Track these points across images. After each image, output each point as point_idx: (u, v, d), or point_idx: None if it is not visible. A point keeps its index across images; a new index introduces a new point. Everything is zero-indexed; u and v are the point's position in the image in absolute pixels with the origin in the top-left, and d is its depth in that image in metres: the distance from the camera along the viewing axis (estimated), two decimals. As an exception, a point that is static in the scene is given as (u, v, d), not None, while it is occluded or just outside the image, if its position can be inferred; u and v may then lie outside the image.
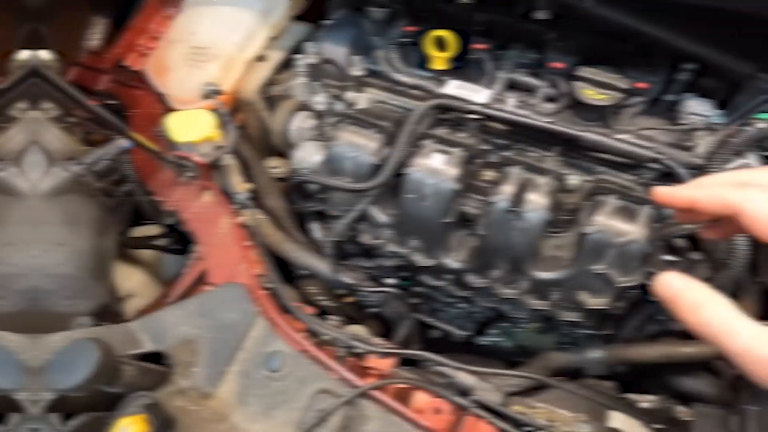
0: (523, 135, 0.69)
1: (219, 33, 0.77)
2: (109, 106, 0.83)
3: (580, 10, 0.62)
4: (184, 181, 0.70)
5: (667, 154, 0.62)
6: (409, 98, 0.73)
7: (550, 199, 0.60)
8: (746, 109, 0.64)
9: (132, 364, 0.52)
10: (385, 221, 0.67)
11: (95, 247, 0.66)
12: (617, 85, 0.64)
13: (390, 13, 0.76)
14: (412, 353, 0.62)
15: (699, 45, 0.63)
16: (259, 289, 0.61)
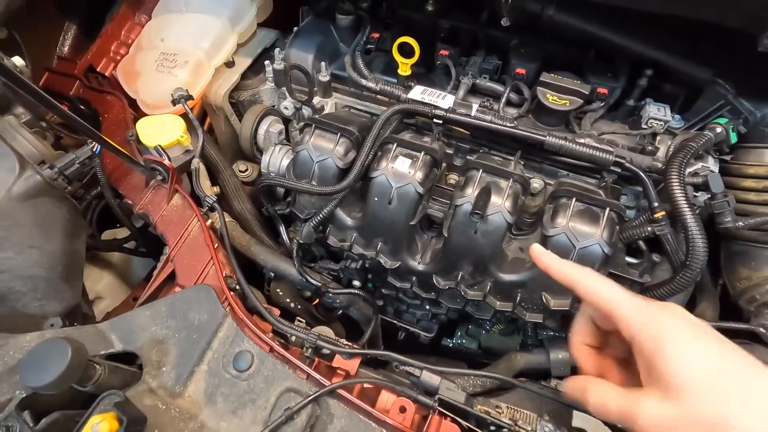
0: (487, 139, 0.76)
1: (188, 40, 0.83)
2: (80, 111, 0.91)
3: (543, 17, 0.69)
4: (153, 184, 0.77)
5: (629, 157, 0.69)
6: (375, 103, 0.80)
7: (513, 202, 0.66)
8: (705, 113, 0.71)
9: (103, 364, 0.58)
10: (352, 224, 0.74)
11: (66, 249, 0.72)
12: (578, 91, 0.71)
13: (356, 20, 0.84)
14: (377, 353, 0.68)
15: (658, 51, 0.70)
16: (227, 290, 0.68)
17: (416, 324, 0.89)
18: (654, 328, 0.40)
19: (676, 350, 0.38)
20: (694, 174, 0.67)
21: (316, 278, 0.76)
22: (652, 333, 0.40)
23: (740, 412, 0.36)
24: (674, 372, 0.38)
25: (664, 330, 0.40)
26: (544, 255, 0.51)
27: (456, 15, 0.81)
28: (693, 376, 0.37)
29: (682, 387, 0.37)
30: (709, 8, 0.56)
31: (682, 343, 0.38)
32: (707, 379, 0.37)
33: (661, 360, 0.39)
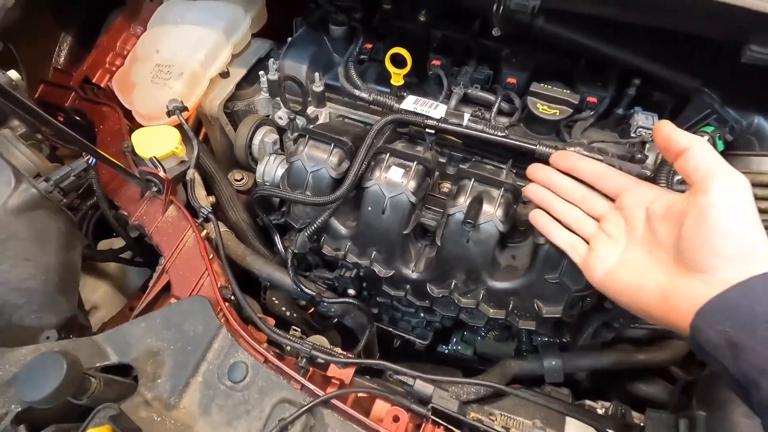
0: (479, 147, 0.77)
1: (183, 51, 0.84)
2: (76, 122, 0.91)
3: (533, 28, 0.70)
4: (149, 195, 0.77)
5: (618, 166, 0.70)
6: (369, 112, 0.81)
7: (504, 211, 0.67)
8: (692, 122, 0.73)
9: (98, 377, 0.58)
10: (346, 233, 0.75)
11: (62, 261, 0.73)
12: (568, 100, 0.72)
13: (349, 31, 0.85)
14: (371, 362, 0.69)
15: (645, 61, 0.72)
16: (222, 301, 0.68)
17: (411, 331, 0.89)
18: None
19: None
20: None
21: (311, 287, 0.76)
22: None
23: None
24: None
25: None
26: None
27: (448, 25, 0.82)
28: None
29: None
30: (692, 21, 0.57)
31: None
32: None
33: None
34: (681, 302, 0.45)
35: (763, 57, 0.55)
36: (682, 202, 0.48)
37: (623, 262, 0.53)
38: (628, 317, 0.76)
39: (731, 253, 0.43)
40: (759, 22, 0.52)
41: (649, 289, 0.49)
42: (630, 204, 0.54)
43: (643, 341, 0.79)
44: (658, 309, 0.48)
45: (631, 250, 0.53)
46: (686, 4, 0.53)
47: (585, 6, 0.62)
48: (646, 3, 0.56)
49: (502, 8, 0.63)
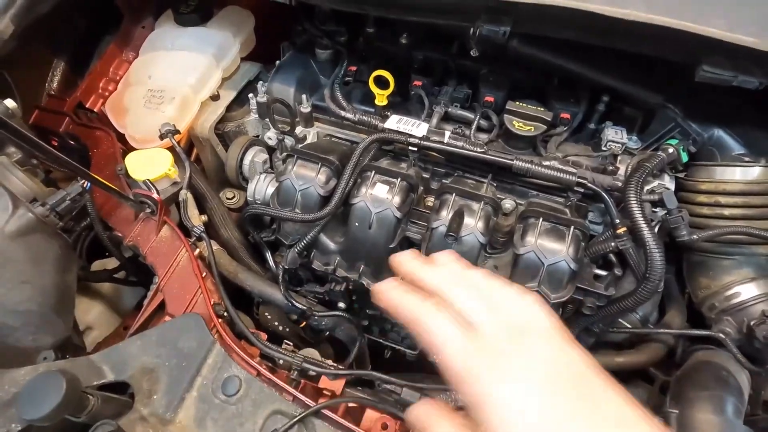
0: (461, 163, 0.81)
1: (175, 76, 0.88)
2: (70, 147, 0.95)
3: (508, 48, 0.75)
4: (143, 217, 0.81)
5: (591, 178, 0.75)
6: (355, 131, 0.86)
7: (485, 223, 0.71)
8: (658, 135, 0.78)
9: (96, 395, 0.61)
10: (335, 248, 0.78)
11: (58, 283, 0.75)
12: (542, 117, 0.77)
13: (334, 54, 0.90)
14: (360, 373, 0.71)
15: (613, 79, 0.77)
16: (215, 317, 0.71)
17: (401, 342, 0.92)
18: (476, 387, 0.36)
19: (495, 411, 0.34)
20: (651, 192, 0.73)
21: (301, 302, 0.80)
22: (474, 392, 0.36)
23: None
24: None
25: (483, 387, 0.35)
26: (388, 293, 0.44)
27: (428, 46, 0.87)
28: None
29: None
30: (649, 44, 0.63)
31: (499, 403, 0.35)
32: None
33: (484, 417, 0.35)
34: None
35: (714, 76, 0.60)
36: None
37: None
38: (607, 322, 0.80)
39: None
40: (707, 45, 0.58)
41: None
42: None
43: (624, 345, 0.83)
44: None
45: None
46: (641, 30, 0.59)
47: (551, 31, 0.67)
48: (604, 28, 0.61)
49: (477, 32, 0.68)
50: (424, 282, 0.43)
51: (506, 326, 0.38)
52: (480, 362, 0.36)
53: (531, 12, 0.63)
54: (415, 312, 0.40)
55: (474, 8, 0.67)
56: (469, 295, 0.41)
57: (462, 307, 0.40)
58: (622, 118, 0.81)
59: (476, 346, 0.37)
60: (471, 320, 0.39)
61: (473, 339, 0.37)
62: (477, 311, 0.39)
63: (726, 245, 0.72)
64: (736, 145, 0.71)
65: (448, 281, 0.42)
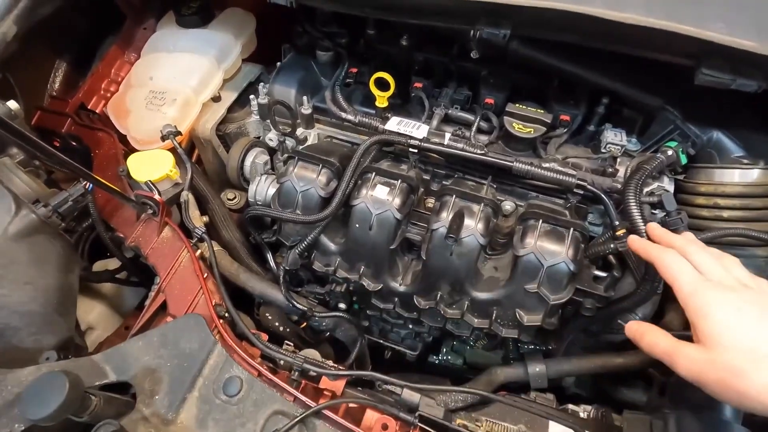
0: (461, 164, 0.82)
1: (176, 78, 0.89)
2: (72, 148, 0.95)
3: (508, 51, 0.75)
4: (144, 218, 0.81)
5: (590, 180, 0.75)
6: (356, 133, 0.86)
7: (485, 225, 0.71)
8: (658, 137, 0.78)
9: (98, 395, 0.61)
10: (335, 249, 0.79)
11: (61, 284, 0.76)
12: (541, 120, 0.77)
13: (335, 56, 0.90)
14: (360, 373, 0.72)
15: (613, 82, 0.77)
16: (216, 318, 0.72)
17: (401, 343, 0.93)
18: (700, 299, 0.52)
19: (714, 317, 0.50)
20: (650, 193, 0.73)
21: (302, 303, 0.80)
22: (697, 303, 0.52)
23: (759, 368, 0.47)
24: (710, 331, 0.50)
25: (706, 301, 0.51)
26: (635, 241, 0.63)
27: (429, 48, 0.88)
28: (724, 336, 0.49)
29: (714, 341, 0.50)
30: (647, 48, 0.63)
31: (719, 312, 0.50)
32: (735, 340, 0.49)
33: (702, 322, 0.51)
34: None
35: (713, 79, 0.61)
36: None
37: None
38: (607, 323, 0.80)
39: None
40: (706, 49, 0.58)
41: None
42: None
43: (623, 346, 0.83)
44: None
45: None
46: (640, 33, 0.59)
47: (551, 34, 0.68)
48: (604, 32, 0.62)
49: (477, 35, 0.68)
50: (673, 241, 0.60)
51: (732, 279, 0.54)
52: (710, 287, 0.52)
53: (531, 15, 0.64)
54: (660, 253, 0.57)
55: (474, 11, 0.67)
56: (707, 255, 0.56)
57: (699, 260, 0.56)
58: (622, 120, 0.81)
59: (705, 280, 0.54)
60: (703, 270, 0.55)
61: (703, 279, 0.54)
62: (710, 265, 0.55)
63: (725, 247, 0.72)
64: (735, 148, 0.71)
65: (692, 243, 0.58)
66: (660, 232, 0.63)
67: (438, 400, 0.72)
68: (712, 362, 0.49)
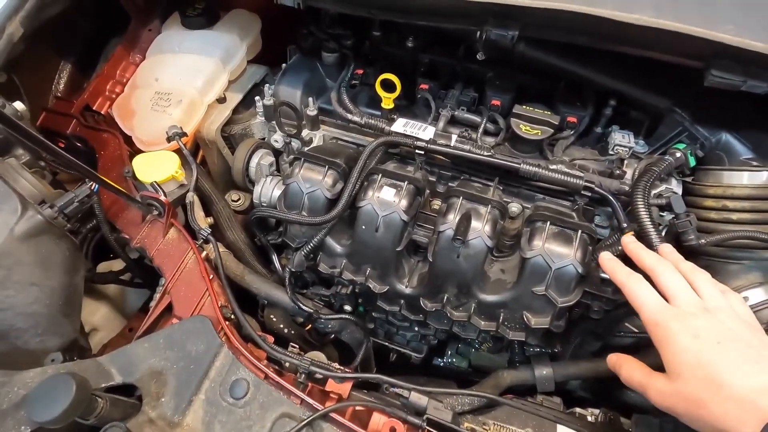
0: (467, 166, 0.82)
1: (182, 79, 0.89)
2: (77, 149, 0.95)
3: (514, 52, 0.75)
4: (150, 219, 0.81)
5: (598, 182, 0.75)
6: (361, 134, 0.86)
7: (492, 227, 0.71)
8: (666, 139, 0.78)
9: (104, 397, 0.61)
10: (341, 251, 0.79)
11: (66, 285, 0.76)
12: (548, 121, 0.77)
13: (341, 58, 0.90)
14: (368, 376, 0.72)
15: (620, 83, 0.78)
16: (222, 320, 0.72)
17: (407, 345, 0.93)
18: (662, 330, 0.54)
19: (673, 349, 0.53)
20: (659, 196, 0.73)
21: (308, 305, 0.80)
22: (660, 334, 0.55)
23: (715, 398, 0.49)
24: (672, 362, 0.53)
25: (668, 332, 0.54)
26: (606, 262, 0.65)
27: (434, 50, 0.88)
28: (684, 366, 0.52)
29: (676, 372, 0.52)
30: (656, 49, 0.63)
31: (678, 344, 0.53)
32: (693, 370, 0.51)
33: (665, 352, 0.54)
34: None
35: (723, 81, 0.61)
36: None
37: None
38: (614, 326, 0.80)
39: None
40: (716, 50, 0.58)
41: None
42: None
43: (630, 349, 0.83)
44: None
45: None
46: (650, 34, 0.59)
47: (559, 35, 0.68)
48: (613, 33, 0.62)
49: (485, 36, 0.69)
50: (644, 260, 0.61)
51: (699, 303, 0.55)
52: (671, 317, 0.54)
53: (539, 17, 0.64)
54: (626, 279, 0.59)
55: (482, 12, 0.67)
56: (674, 278, 0.58)
57: (666, 283, 0.57)
58: (629, 122, 0.81)
59: (667, 309, 0.55)
60: (669, 294, 0.56)
61: (669, 306, 0.55)
62: (676, 289, 0.56)
63: (734, 250, 0.72)
64: (744, 150, 0.71)
65: (660, 263, 0.59)
66: (632, 247, 0.64)
67: (445, 403, 0.72)
68: (677, 393, 0.52)
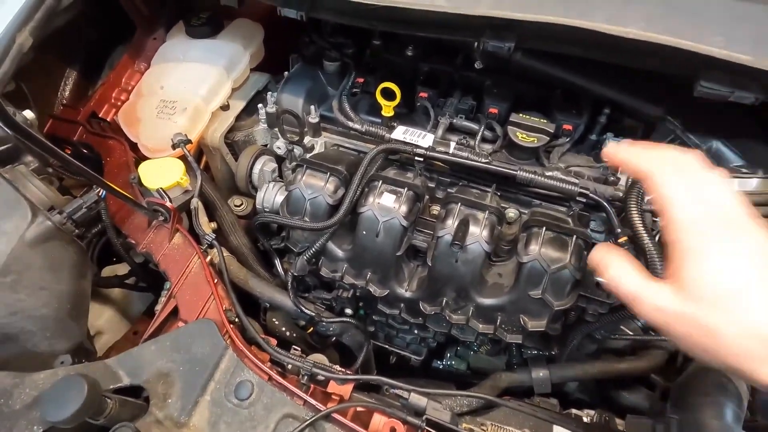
0: (466, 173, 0.84)
1: (186, 87, 0.92)
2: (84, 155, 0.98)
3: (511, 61, 0.78)
4: (155, 224, 0.84)
5: (593, 188, 0.78)
6: (362, 141, 0.89)
7: (489, 232, 0.73)
8: (659, 146, 0.80)
9: (114, 398, 0.63)
10: (342, 256, 0.81)
11: (74, 289, 0.78)
12: (544, 129, 0.79)
13: (342, 66, 0.93)
14: (369, 378, 0.74)
15: (614, 92, 0.80)
16: (227, 323, 0.74)
17: (406, 348, 0.95)
18: (696, 239, 0.43)
19: (707, 263, 0.42)
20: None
21: (310, 308, 0.82)
22: (692, 243, 0.43)
23: (738, 330, 0.40)
24: (696, 277, 0.42)
25: (705, 239, 0.43)
26: (620, 151, 0.52)
27: (433, 59, 0.90)
28: (710, 288, 0.42)
29: (696, 289, 0.42)
30: (648, 61, 0.66)
31: (714, 258, 0.42)
32: (725, 293, 0.41)
33: (691, 264, 0.43)
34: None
35: (711, 92, 0.63)
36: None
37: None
38: (609, 329, 0.82)
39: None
40: (705, 62, 0.61)
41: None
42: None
43: (625, 351, 0.85)
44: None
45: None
46: (641, 47, 0.62)
47: (554, 47, 0.70)
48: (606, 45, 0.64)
49: (482, 47, 0.71)
50: (667, 156, 0.48)
51: (741, 214, 0.44)
52: (708, 227, 0.43)
53: (534, 29, 0.66)
54: (657, 166, 0.47)
55: (479, 25, 0.70)
56: (713, 177, 0.45)
57: (699, 185, 0.45)
58: (623, 129, 0.84)
59: (707, 215, 0.43)
60: (705, 197, 0.45)
61: (705, 212, 0.44)
62: (715, 193, 0.44)
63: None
64: (734, 157, 0.73)
65: (693, 161, 0.47)
66: (648, 144, 0.51)
67: (444, 404, 0.74)
68: (688, 314, 0.42)
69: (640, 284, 0.46)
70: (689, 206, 0.45)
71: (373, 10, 0.73)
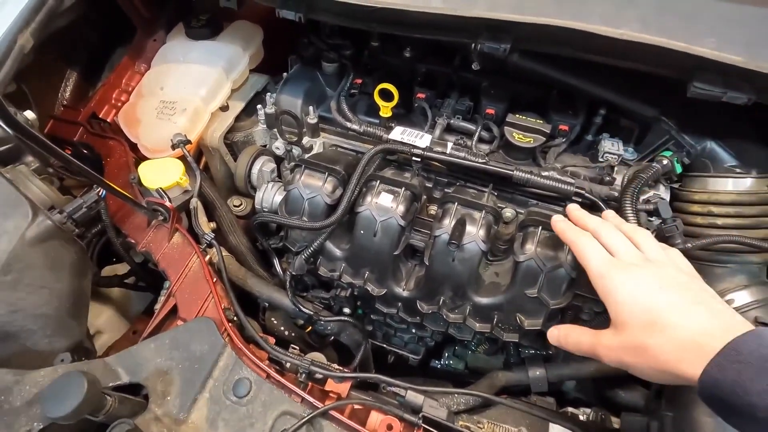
0: (463, 173, 0.85)
1: (186, 88, 0.93)
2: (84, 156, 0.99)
3: (508, 63, 0.79)
4: (155, 224, 0.84)
5: (588, 188, 0.79)
6: (360, 141, 0.90)
7: (486, 232, 0.74)
8: (653, 147, 0.82)
9: (113, 395, 0.64)
10: (340, 255, 0.82)
11: (74, 288, 0.79)
12: (541, 130, 0.80)
13: (340, 68, 0.94)
14: (366, 376, 0.75)
15: (610, 93, 0.81)
16: (226, 322, 0.75)
17: (404, 347, 0.96)
18: (607, 281, 0.56)
19: (616, 298, 0.54)
20: (647, 201, 0.77)
21: (308, 307, 0.83)
22: (605, 285, 0.56)
23: (659, 341, 0.49)
24: (616, 311, 0.54)
25: (612, 283, 0.55)
26: (557, 223, 0.67)
27: (431, 60, 0.91)
28: (626, 314, 0.53)
29: (620, 321, 0.53)
30: (642, 62, 0.67)
31: (621, 292, 0.54)
32: (634, 316, 0.52)
33: (609, 303, 0.55)
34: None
35: (704, 92, 0.64)
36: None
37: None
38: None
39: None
40: (698, 64, 0.62)
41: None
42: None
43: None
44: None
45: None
46: (635, 48, 0.63)
47: (550, 48, 0.71)
48: (601, 47, 0.65)
49: (479, 48, 0.72)
50: (587, 222, 0.64)
51: (640, 256, 0.58)
52: (614, 268, 0.56)
53: (530, 31, 0.67)
54: (575, 236, 0.62)
55: (475, 27, 0.71)
56: (617, 235, 0.61)
57: (610, 241, 0.60)
58: (619, 130, 0.85)
59: (613, 260, 0.57)
60: (614, 250, 0.59)
61: (612, 258, 0.58)
62: (620, 245, 0.59)
63: (719, 253, 0.75)
64: (728, 157, 0.74)
65: (604, 225, 0.63)
66: (577, 213, 0.67)
67: (440, 402, 0.74)
68: (624, 343, 0.52)
69: (592, 338, 0.58)
70: (597, 258, 0.58)
71: (370, 12, 0.74)
